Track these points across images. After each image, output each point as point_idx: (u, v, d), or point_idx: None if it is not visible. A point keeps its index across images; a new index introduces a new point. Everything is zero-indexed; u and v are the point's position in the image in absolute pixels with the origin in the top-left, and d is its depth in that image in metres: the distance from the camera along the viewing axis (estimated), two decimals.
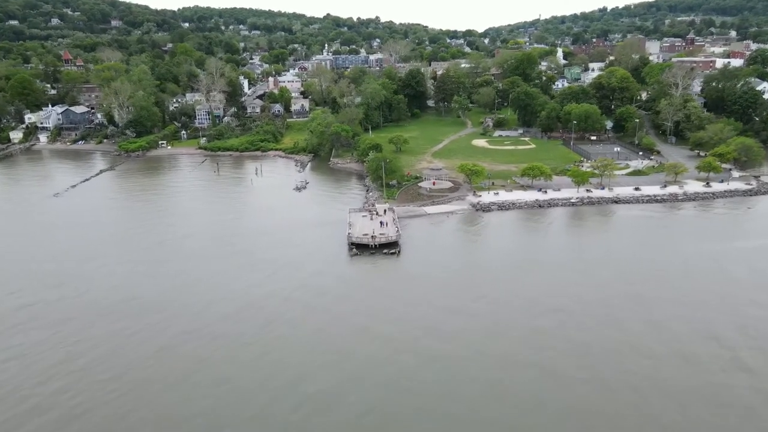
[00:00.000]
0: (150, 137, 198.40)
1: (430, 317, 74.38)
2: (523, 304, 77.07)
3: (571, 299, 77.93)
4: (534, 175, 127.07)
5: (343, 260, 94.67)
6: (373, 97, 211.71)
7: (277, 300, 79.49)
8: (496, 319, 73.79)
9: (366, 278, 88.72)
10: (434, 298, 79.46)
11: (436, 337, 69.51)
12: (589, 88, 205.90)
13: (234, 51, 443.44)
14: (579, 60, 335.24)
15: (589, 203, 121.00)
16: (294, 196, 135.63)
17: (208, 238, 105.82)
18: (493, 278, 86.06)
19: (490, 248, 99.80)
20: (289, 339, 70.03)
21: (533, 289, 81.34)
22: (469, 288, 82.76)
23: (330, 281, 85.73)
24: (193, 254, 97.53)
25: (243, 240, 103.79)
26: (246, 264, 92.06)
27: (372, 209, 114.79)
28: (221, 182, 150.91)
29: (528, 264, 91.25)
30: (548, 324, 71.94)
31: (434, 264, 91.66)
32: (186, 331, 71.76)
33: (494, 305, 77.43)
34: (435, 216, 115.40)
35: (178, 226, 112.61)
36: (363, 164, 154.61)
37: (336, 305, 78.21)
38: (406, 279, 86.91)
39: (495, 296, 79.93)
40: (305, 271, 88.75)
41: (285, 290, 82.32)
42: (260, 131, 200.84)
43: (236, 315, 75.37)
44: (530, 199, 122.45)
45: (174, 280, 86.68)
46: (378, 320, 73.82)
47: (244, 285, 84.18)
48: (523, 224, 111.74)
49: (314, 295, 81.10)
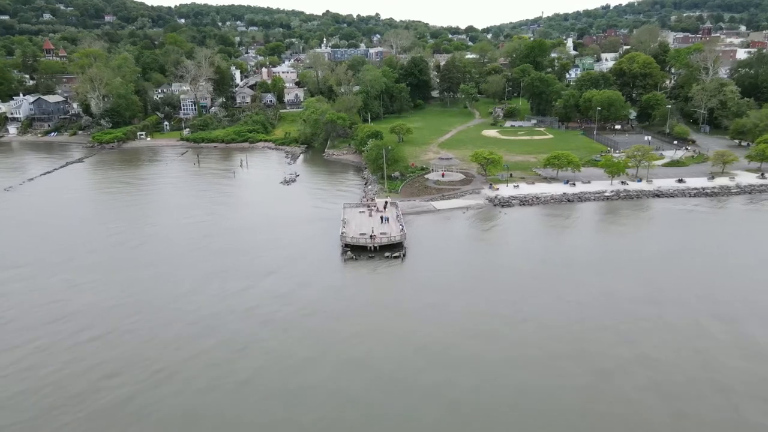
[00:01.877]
0: (127, 128, 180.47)
1: (450, 346, 56.15)
2: (581, 329, 58.62)
3: (653, 323, 59.63)
4: (560, 166, 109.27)
5: (336, 266, 76.88)
6: (373, 85, 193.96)
7: (252, 324, 61.14)
8: (548, 352, 54.60)
9: (363, 290, 70.61)
10: (452, 316, 61.63)
11: (464, 380, 50.66)
12: (610, 74, 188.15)
13: (229, 44, 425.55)
14: (590, 50, 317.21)
15: (626, 197, 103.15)
16: (281, 190, 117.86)
17: (175, 239, 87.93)
18: (526, 289, 68.05)
19: (515, 251, 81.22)
20: (261, 387, 50.68)
21: (589, 307, 63.08)
22: (498, 302, 64.68)
23: (319, 295, 67.56)
24: (151, 260, 79.59)
25: (217, 241, 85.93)
26: (217, 272, 74.13)
27: (371, 204, 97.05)
28: (200, 175, 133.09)
29: (566, 268, 73.38)
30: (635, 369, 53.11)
31: (448, 271, 73.81)
32: (116, 371, 53.77)
33: (539, 328, 58.97)
34: (445, 212, 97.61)
35: (140, 226, 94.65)
36: (361, 155, 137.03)
37: (325, 329, 60.07)
38: (414, 290, 68.78)
39: (536, 315, 61.57)
40: (289, 281, 70.77)
41: (262, 309, 64.03)
42: (249, 121, 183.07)
43: (194, 346, 56.94)
44: (556, 192, 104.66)
45: (119, 296, 68.64)
46: (381, 354, 55.33)
47: (211, 302, 65.97)
48: (550, 221, 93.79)
49: (298, 315, 62.75)
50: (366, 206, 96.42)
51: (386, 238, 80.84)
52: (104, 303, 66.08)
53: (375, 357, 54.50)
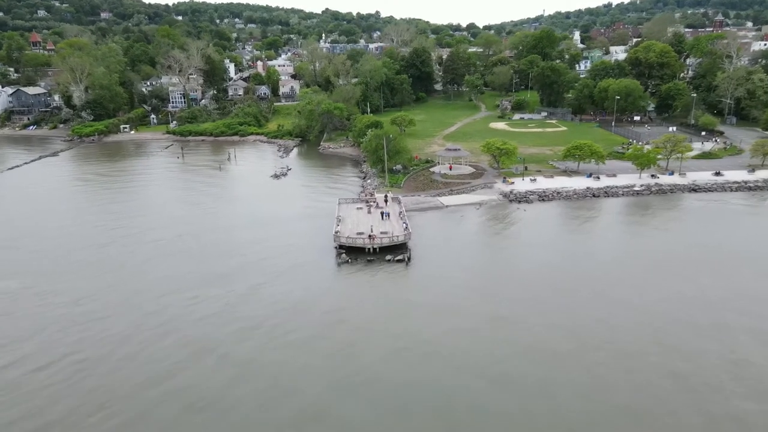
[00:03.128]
0: (109, 121, 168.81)
1: (472, 385, 43.58)
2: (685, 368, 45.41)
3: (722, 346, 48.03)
4: (582, 157, 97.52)
5: (328, 271, 65.12)
6: (373, 76, 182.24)
7: (214, 357, 47.61)
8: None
9: (360, 303, 57.80)
10: (472, 340, 49.62)
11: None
12: (625, 63, 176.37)
13: (225, 39, 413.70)
14: (599, 43, 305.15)
15: (659, 191, 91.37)
16: (270, 184, 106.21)
17: (142, 240, 76.22)
18: (558, 300, 56.32)
19: (545, 253, 68.30)
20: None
21: (641, 328, 50.91)
22: (549, 328, 51.89)
23: (306, 312, 54.41)
24: (106, 267, 67.85)
25: (191, 243, 74.20)
26: (188, 281, 62.31)
27: (370, 199, 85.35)
28: (183, 170, 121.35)
29: (612, 272, 61.64)
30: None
31: (464, 276, 62.03)
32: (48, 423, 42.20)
33: (618, 356, 46.42)
34: (455, 209, 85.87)
35: (104, 226, 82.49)
36: (359, 148, 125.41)
37: (309, 363, 46.27)
38: (426, 305, 56.31)
39: (611, 341, 48.11)
40: (270, 293, 58.76)
41: (233, 335, 50.80)
42: (240, 113, 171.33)
43: (147, 386, 45.04)
44: (579, 186, 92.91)
45: (59, 318, 57.03)
46: (384, 405, 41.40)
47: (173, 324, 53.72)
48: (577, 219, 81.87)
49: (275, 345, 49.10)
50: (364, 202, 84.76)
51: (388, 238, 69.20)
52: (41, 326, 54.43)
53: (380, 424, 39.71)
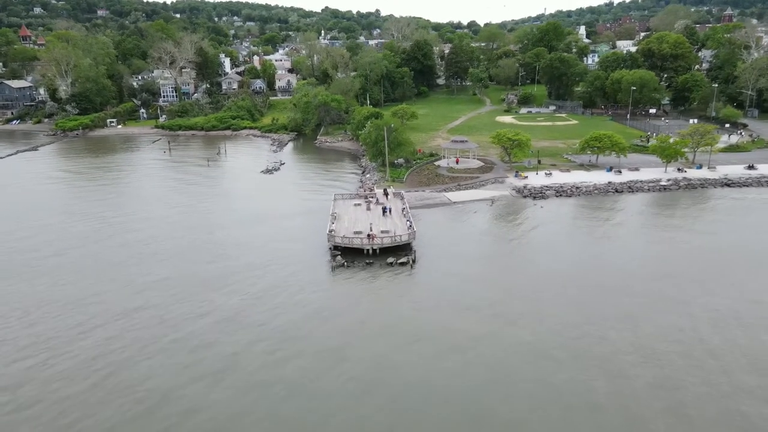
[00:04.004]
0: (95, 114, 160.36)
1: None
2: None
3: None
4: (602, 149, 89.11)
5: (320, 277, 56.58)
6: (372, 68, 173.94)
7: (190, 400, 38.90)
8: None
9: (359, 317, 48.63)
10: (496, 360, 41.51)
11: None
12: (637, 54, 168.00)
13: (222, 35, 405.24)
14: (605, 38, 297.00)
15: (688, 186, 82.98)
16: (261, 180, 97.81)
17: (113, 241, 67.81)
18: (590, 311, 47.97)
19: (572, 255, 59.89)
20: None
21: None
22: (565, 338, 44.56)
23: (293, 347, 42.96)
24: (61, 276, 59.48)
25: (167, 245, 65.73)
26: (157, 291, 53.96)
27: (369, 195, 76.96)
28: (169, 165, 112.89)
29: (657, 280, 53.25)
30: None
31: (477, 288, 53.68)
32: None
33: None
34: (463, 205, 77.49)
35: (68, 225, 74.17)
36: (358, 142, 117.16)
37: (300, 401, 38.15)
38: (436, 320, 47.58)
39: (675, 387, 38.76)
40: (255, 307, 49.91)
41: (211, 367, 40.54)
42: (233, 107, 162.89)
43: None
44: (600, 181, 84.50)
45: (35, 309, 48.76)
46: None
47: (141, 350, 45.00)
48: (602, 216, 73.32)
49: (255, 389, 38.67)
50: (363, 197, 76.37)
51: (389, 238, 60.76)
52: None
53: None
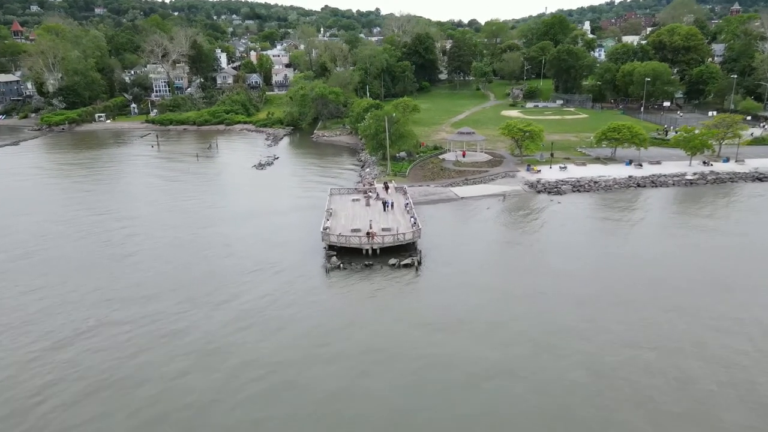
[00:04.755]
0: (82, 109, 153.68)
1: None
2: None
3: None
4: (621, 141, 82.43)
5: (313, 281, 49.67)
6: (372, 62, 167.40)
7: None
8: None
9: (358, 333, 40.18)
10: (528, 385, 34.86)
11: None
12: (648, 46, 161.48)
13: (220, 32, 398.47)
14: (610, 33, 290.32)
15: (716, 181, 76.31)
16: (253, 175, 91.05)
17: (85, 241, 61.15)
18: (642, 334, 41.27)
19: (588, 258, 53.11)
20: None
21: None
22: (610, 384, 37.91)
23: (286, 365, 36.04)
24: (24, 280, 52.79)
25: (144, 245, 58.98)
26: (123, 303, 47.28)
27: (369, 189, 70.29)
28: (155, 160, 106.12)
29: (706, 287, 46.66)
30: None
31: (494, 294, 47.04)
32: None
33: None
34: (472, 201, 70.82)
35: (36, 225, 67.69)
36: (357, 136, 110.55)
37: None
38: (449, 345, 40.70)
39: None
40: (236, 319, 43.04)
41: (180, 402, 35.26)
42: (227, 101, 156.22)
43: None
44: (619, 175, 77.89)
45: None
46: None
47: (85, 391, 36.66)
48: (626, 213, 66.48)
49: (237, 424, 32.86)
50: (362, 192, 69.70)
51: (391, 236, 54.06)
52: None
53: None
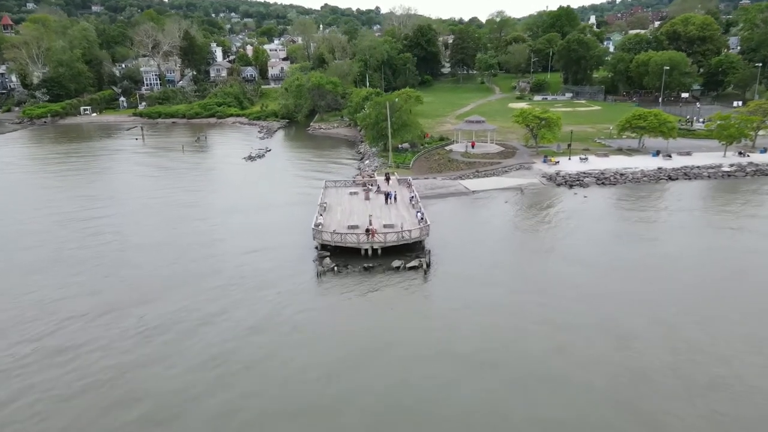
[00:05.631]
0: (67, 101, 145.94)
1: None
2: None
3: None
4: (649, 129, 74.62)
5: (302, 289, 41.48)
6: (372, 53, 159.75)
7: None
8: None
9: (356, 355, 33.09)
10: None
11: None
12: (662, 36, 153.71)
13: (217, 27, 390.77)
14: (617, 27, 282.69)
15: (757, 172, 68.49)
16: (242, 167, 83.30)
17: (46, 240, 53.42)
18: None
19: (625, 260, 45.04)
20: None
21: None
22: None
23: (269, 376, 30.50)
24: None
25: (109, 246, 51.26)
26: (65, 324, 39.58)
27: (369, 182, 62.50)
28: (139, 152, 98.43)
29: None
30: None
31: (520, 311, 39.27)
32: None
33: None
34: (485, 195, 63.04)
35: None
36: (356, 128, 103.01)
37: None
38: (469, 388, 33.70)
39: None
40: (188, 360, 35.21)
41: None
42: (219, 93, 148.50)
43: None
44: (647, 167, 70.16)
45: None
46: None
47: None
48: (655, 208, 58.93)
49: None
50: (361, 185, 61.90)
51: (394, 234, 46.19)
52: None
53: None
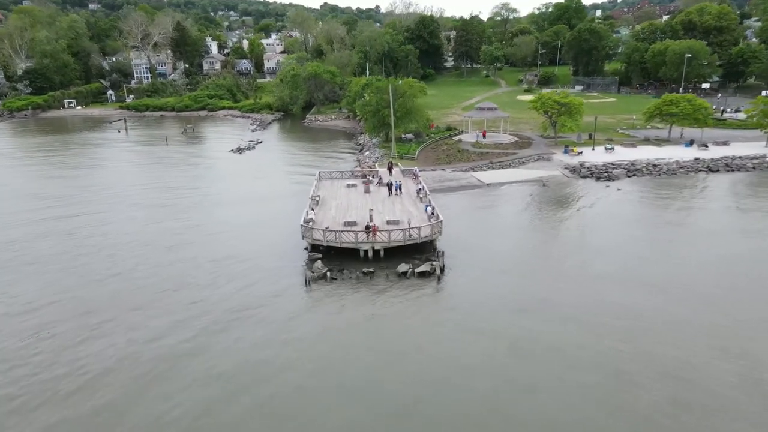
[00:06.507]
0: (49, 94, 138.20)
1: None
2: None
3: None
4: (682, 117, 66.89)
5: (287, 303, 33.70)
6: (373, 44, 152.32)
7: None
8: None
9: (350, 392, 27.09)
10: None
11: None
12: (677, 25, 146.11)
13: (214, 24, 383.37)
14: (623, 21, 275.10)
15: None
16: (229, 160, 75.55)
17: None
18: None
19: (688, 265, 38.56)
20: None
21: None
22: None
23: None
24: None
25: (61, 247, 43.65)
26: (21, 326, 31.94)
27: (369, 173, 54.75)
28: (119, 145, 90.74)
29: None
30: None
31: (570, 346, 31.61)
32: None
33: None
34: (501, 188, 55.38)
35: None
36: (354, 120, 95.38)
37: None
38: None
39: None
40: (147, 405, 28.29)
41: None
42: (210, 86, 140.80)
43: None
44: (682, 157, 62.51)
45: None
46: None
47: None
48: (702, 205, 51.33)
49: None
50: (361, 177, 54.19)
51: (400, 232, 38.33)
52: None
53: None
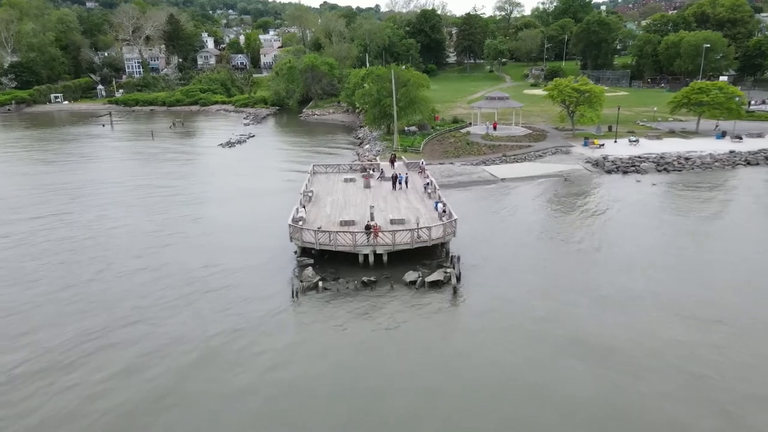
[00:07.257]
0: (35, 88, 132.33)
1: None
2: None
3: None
4: (713, 107, 61.05)
5: (278, 310, 28.37)
6: (373, 38, 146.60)
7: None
8: None
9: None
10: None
11: None
12: (690, 17, 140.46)
13: (211, 20, 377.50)
14: (630, 17, 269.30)
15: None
16: (217, 154, 69.65)
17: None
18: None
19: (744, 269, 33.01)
20: None
21: None
22: None
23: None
24: None
25: (20, 249, 38.00)
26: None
27: (370, 167, 48.77)
28: (101, 140, 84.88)
29: None
30: None
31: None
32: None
33: None
34: (517, 184, 49.51)
35: None
36: (354, 114, 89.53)
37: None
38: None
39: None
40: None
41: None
42: (204, 80, 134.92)
43: None
44: (717, 150, 56.66)
45: None
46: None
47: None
48: (749, 203, 45.55)
49: None
50: (360, 171, 48.31)
51: (406, 232, 32.35)
52: None
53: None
